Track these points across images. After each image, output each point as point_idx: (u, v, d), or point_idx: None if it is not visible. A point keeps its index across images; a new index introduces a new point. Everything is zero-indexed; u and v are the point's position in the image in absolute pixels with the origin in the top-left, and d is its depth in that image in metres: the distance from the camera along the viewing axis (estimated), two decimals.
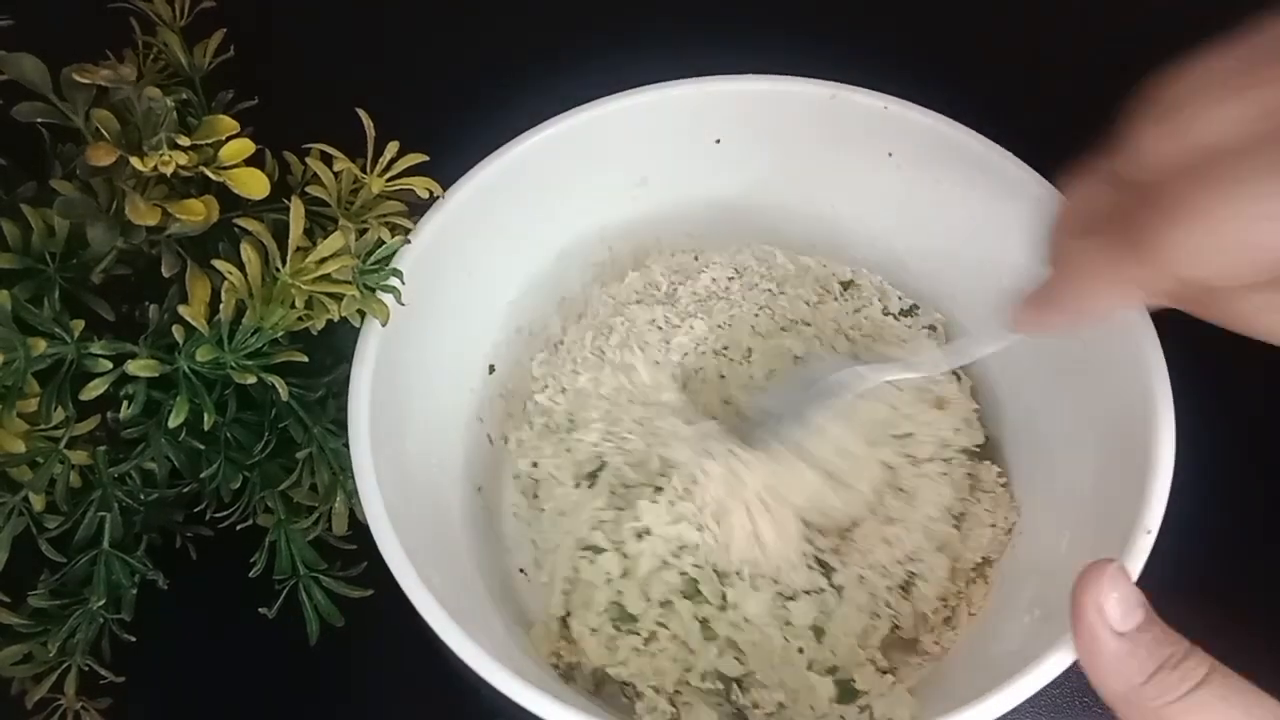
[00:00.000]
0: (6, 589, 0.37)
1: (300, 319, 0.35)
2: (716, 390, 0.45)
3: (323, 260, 0.34)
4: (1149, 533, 0.33)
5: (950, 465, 0.42)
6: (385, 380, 0.37)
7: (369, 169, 0.37)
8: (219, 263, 0.33)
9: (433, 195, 0.38)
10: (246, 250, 0.34)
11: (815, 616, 0.39)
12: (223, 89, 0.41)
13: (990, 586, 0.41)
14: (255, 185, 0.33)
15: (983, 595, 0.41)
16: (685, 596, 0.39)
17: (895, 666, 0.40)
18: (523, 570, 0.43)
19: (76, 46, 0.35)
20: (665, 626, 0.39)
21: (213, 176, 0.33)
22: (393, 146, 0.37)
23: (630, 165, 0.46)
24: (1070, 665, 0.31)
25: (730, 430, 0.42)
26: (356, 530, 0.39)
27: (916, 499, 0.41)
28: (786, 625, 0.38)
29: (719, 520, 0.39)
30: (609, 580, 0.39)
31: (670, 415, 0.43)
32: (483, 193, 0.41)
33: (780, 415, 0.41)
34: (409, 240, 0.39)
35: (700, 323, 0.46)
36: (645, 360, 0.45)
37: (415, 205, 0.39)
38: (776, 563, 0.39)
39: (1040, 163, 0.41)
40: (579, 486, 0.42)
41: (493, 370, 0.46)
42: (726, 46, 0.45)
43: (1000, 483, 0.42)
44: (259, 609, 0.38)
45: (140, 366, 0.34)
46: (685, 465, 0.40)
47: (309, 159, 0.37)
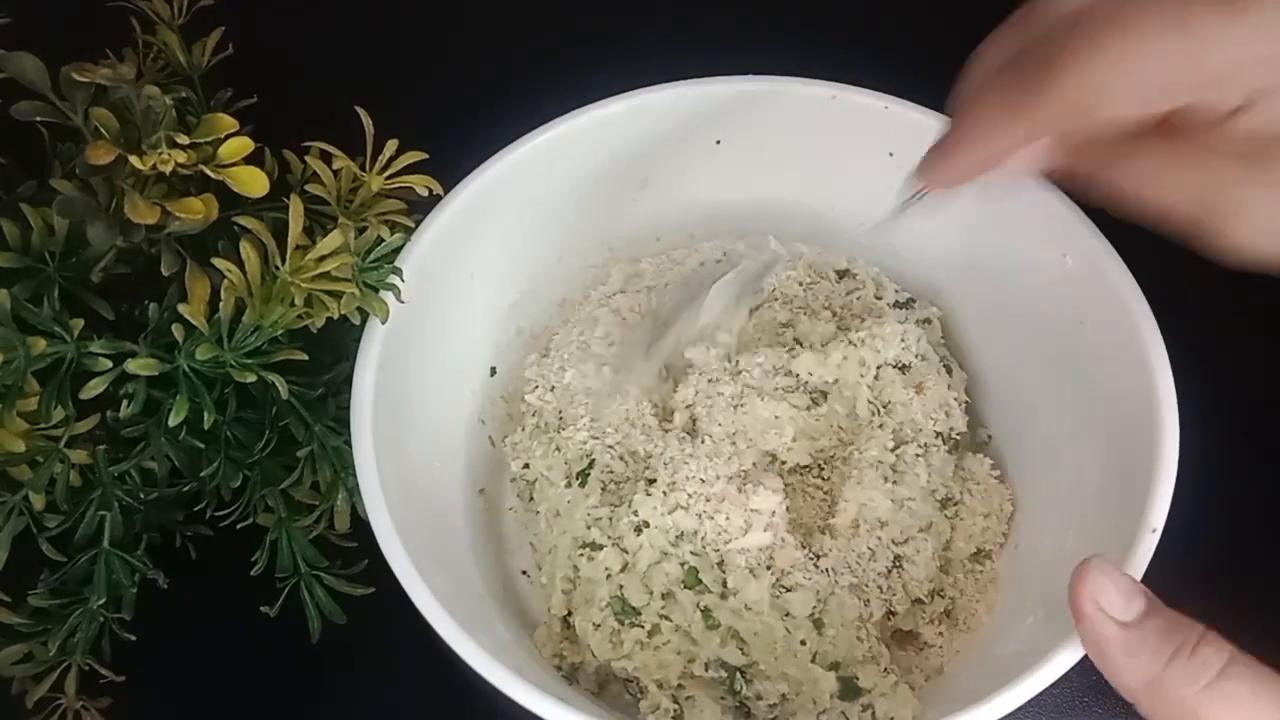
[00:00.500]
0: (6, 588, 0.37)
1: (300, 317, 0.35)
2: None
3: (322, 258, 0.34)
4: (1154, 531, 0.33)
5: (928, 451, 0.42)
6: (388, 383, 0.37)
7: (368, 167, 0.37)
8: (218, 261, 0.33)
9: (432, 193, 0.38)
10: (246, 248, 0.33)
11: (813, 605, 0.39)
12: (221, 87, 0.41)
13: (995, 586, 0.41)
14: (254, 183, 0.33)
15: (984, 592, 0.41)
16: (686, 586, 0.39)
17: (899, 666, 0.39)
18: (524, 573, 0.43)
19: (76, 45, 0.35)
20: (668, 618, 0.39)
21: (212, 175, 0.33)
22: (392, 144, 0.37)
23: (631, 167, 0.46)
24: (1071, 666, 0.31)
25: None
26: (358, 528, 0.39)
27: (901, 481, 0.41)
28: (787, 616, 0.38)
29: (712, 501, 0.39)
30: (609, 575, 0.39)
31: (650, 405, 0.43)
32: (483, 195, 0.41)
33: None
34: (409, 239, 0.39)
35: (684, 306, 0.45)
36: (628, 350, 0.45)
37: (415, 203, 0.39)
38: (772, 540, 0.39)
39: None
40: (570, 486, 0.42)
41: (494, 372, 0.46)
42: (728, 47, 0.45)
43: (994, 475, 0.43)
44: (260, 607, 0.38)
45: (140, 365, 0.34)
46: (669, 452, 0.41)
47: (308, 157, 0.37)
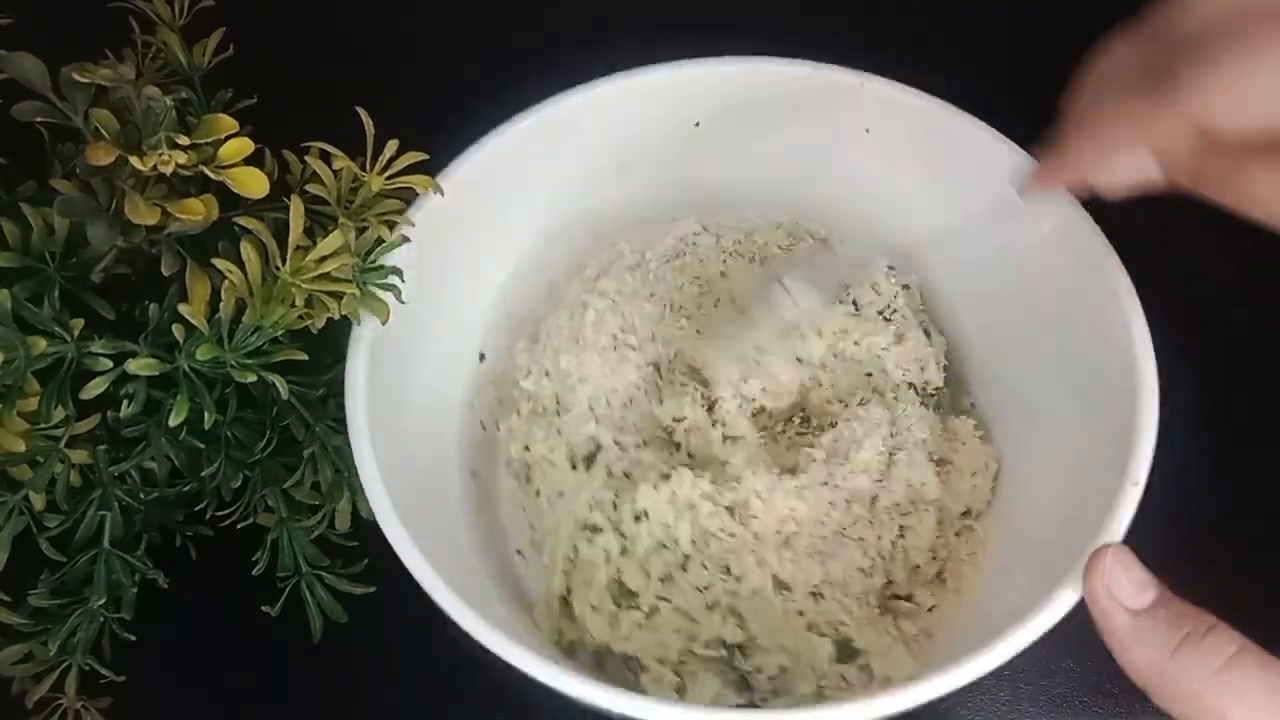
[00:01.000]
0: (6, 588, 0.37)
1: (300, 317, 0.35)
2: (693, 342, 0.46)
3: (323, 259, 0.34)
4: (1136, 485, 0.33)
5: (903, 405, 0.43)
6: (379, 368, 0.38)
7: (368, 167, 0.37)
8: (219, 261, 0.33)
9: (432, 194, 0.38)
10: (246, 249, 0.34)
11: (812, 578, 0.39)
12: (222, 88, 0.41)
13: (983, 547, 0.41)
14: (255, 184, 0.33)
15: (973, 553, 0.41)
16: (685, 570, 0.39)
17: (893, 624, 0.40)
18: (520, 552, 0.43)
19: (76, 45, 0.35)
20: (667, 600, 0.39)
21: (212, 175, 0.33)
22: (392, 145, 0.37)
23: (611, 151, 0.46)
24: (1072, 663, 0.31)
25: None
26: (358, 527, 0.39)
27: (901, 446, 0.42)
28: (785, 590, 0.39)
29: (725, 487, 0.40)
30: (608, 558, 0.39)
31: (650, 391, 0.44)
32: (465, 183, 0.41)
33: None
34: (407, 240, 0.39)
35: (670, 277, 0.46)
36: (619, 335, 0.45)
37: (414, 203, 0.39)
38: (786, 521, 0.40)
39: (1018, 134, 0.41)
40: (575, 469, 0.42)
41: (483, 358, 0.46)
42: (704, 30, 0.45)
43: (977, 435, 0.43)
44: (261, 607, 0.38)
45: (140, 365, 0.34)
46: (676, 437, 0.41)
47: (308, 157, 0.37)
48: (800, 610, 0.39)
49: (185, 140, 0.32)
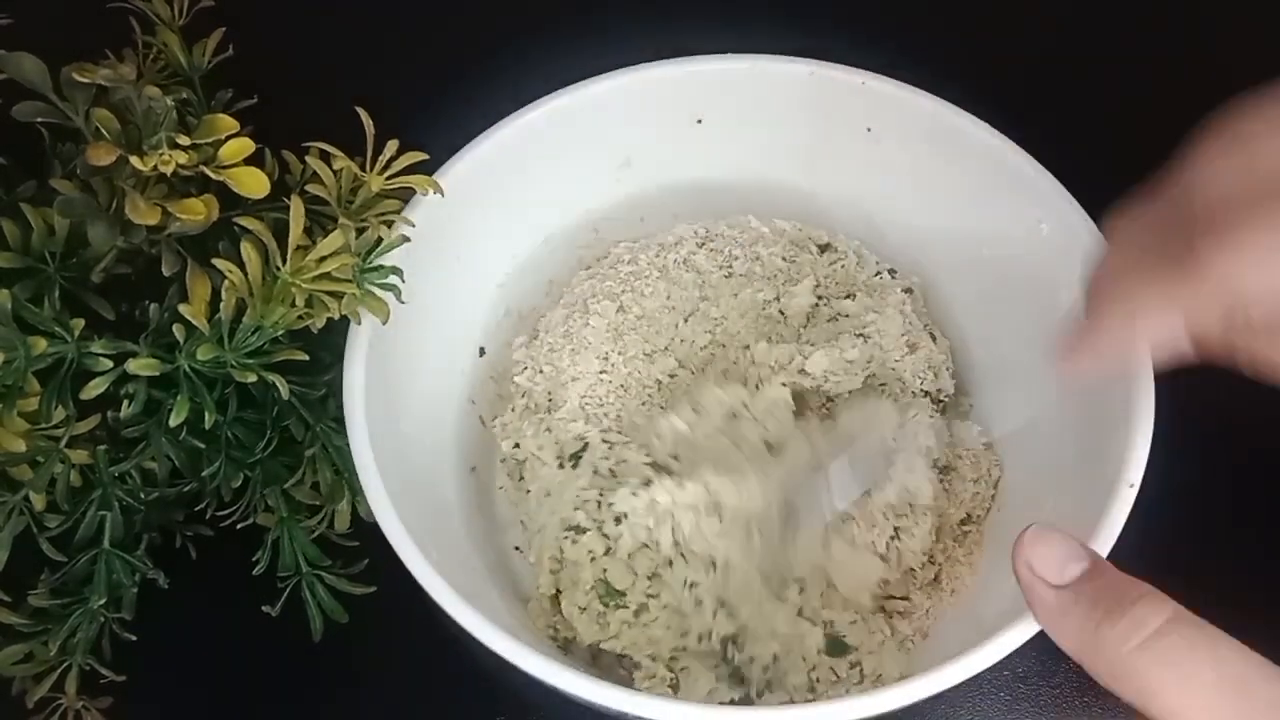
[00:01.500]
0: (7, 588, 0.37)
1: (300, 317, 0.35)
2: (692, 351, 0.45)
3: (323, 259, 0.34)
4: (1131, 486, 0.33)
5: (918, 412, 0.42)
6: (378, 366, 0.38)
7: (369, 167, 0.37)
8: (219, 261, 0.33)
9: (432, 194, 0.38)
10: (246, 249, 0.34)
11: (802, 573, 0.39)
12: (222, 88, 0.41)
13: (979, 549, 0.41)
14: (255, 184, 0.33)
15: (969, 555, 0.41)
16: (670, 567, 0.39)
17: (887, 623, 0.40)
18: (518, 548, 0.43)
19: (76, 46, 0.35)
20: (655, 597, 0.39)
21: (212, 175, 0.33)
22: (392, 145, 0.37)
23: (613, 147, 0.46)
24: (1072, 663, 0.31)
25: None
26: (358, 527, 0.40)
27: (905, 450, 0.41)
28: (772, 579, 0.39)
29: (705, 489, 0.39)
30: (593, 559, 0.39)
31: (643, 395, 0.43)
32: (467, 178, 0.41)
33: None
34: (407, 240, 0.39)
35: (667, 289, 0.46)
36: (615, 337, 0.45)
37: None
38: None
39: (1018, 133, 0.41)
40: (562, 467, 0.42)
41: (483, 353, 0.46)
42: (707, 27, 0.45)
43: (982, 441, 0.43)
44: (261, 607, 0.38)
45: (141, 365, 0.34)
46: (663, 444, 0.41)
47: (308, 157, 0.37)
48: (787, 598, 0.39)
49: (185, 140, 0.32)
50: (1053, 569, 0.28)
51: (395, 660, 0.43)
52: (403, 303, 0.38)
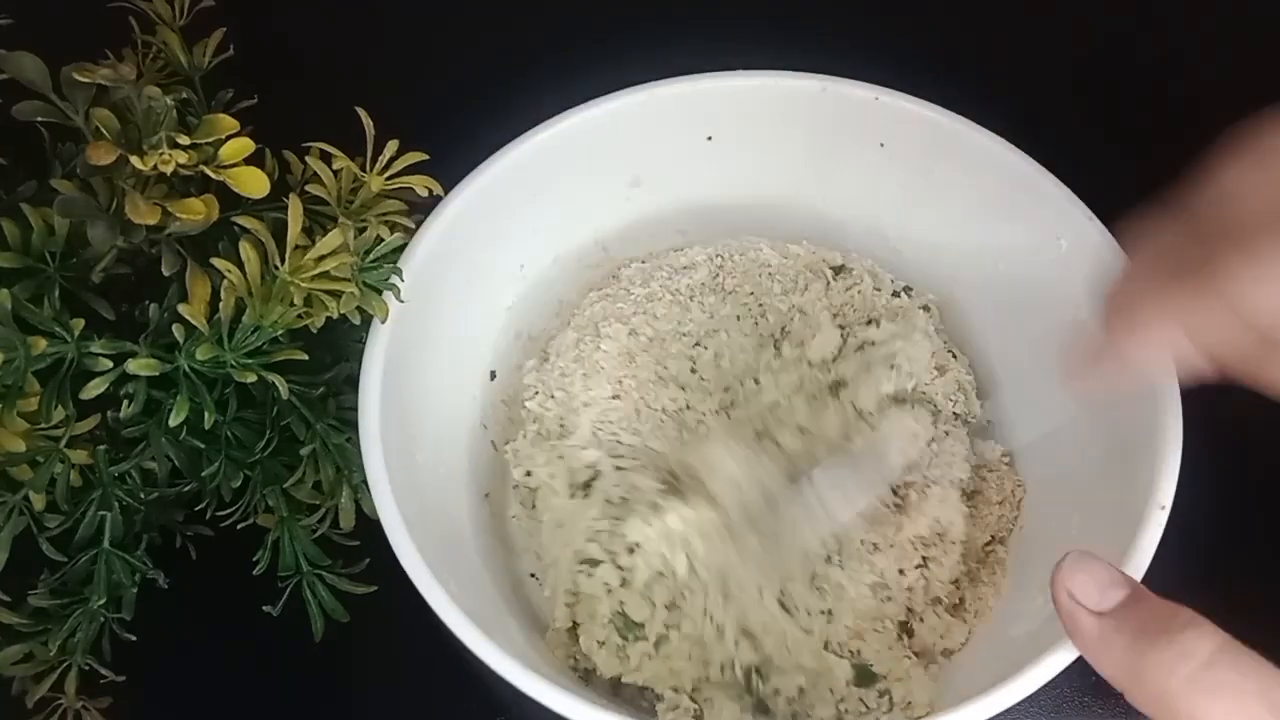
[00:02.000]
0: (7, 588, 0.37)
1: (299, 317, 0.35)
2: (703, 387, 0.45)
3: (322, 258, 0.34)
4: (1163, 508, 0.33)
5: (950, 435, 0.42)
6: (392, 389, 0.38)
7: (368, 167, 0.37)
8: (218, 261, 0.33)
9: (432, 194, 0.38)
10: (245, 248, 0.34)
11: (824, 604, 0.39)
12: (222, 88, 0.41)
13: (1004, 570, 0.41)
14: (255, 184, 0.33)
15: (993, 576, 0.41)
16: (688, 597, 0.38)
17: (911, 648, 0.39)
18: (533, 575, 0.43)
19: (76, 45, 0.35)
20: (676, 627, 0.38)
21: (212, 175, 0.33)
22: (392, 145, 0.37)
23: (623, 166, 0.46)
24: (1073, 663, 0.31)
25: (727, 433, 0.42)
26: (359, 526, 0.39)
27: (938, 480, 0.41)
28: (796, 611, 0.38)
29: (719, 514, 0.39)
30: (609, 591, 0.39)
31: (656, 420, 0.43)
32: (477, 200, 0.41)
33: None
34: (408, 242, 0.39)
35: (679, 315, 0.46)
36: (627, 361, 0.44)
37: (415, 204, 0.39)
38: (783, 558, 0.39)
39: (1034, 147, 0.41)
40: (574, 497, 0.42)
41: (494, 376, 0.46)
42: (717, 43, 0.45)
43: (1004, 461, 0.43)
44: (262, 607, 0.38)
45: (140, 365, 0.34)
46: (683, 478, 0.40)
47: (308, 157, 0.38)
48: (813, 629, 0.38)
49: (186, 140, 0.32)
50: (1093, 596, 0.28)
51: (397, 660, 0.43)
52: (402, 301, 0.38)
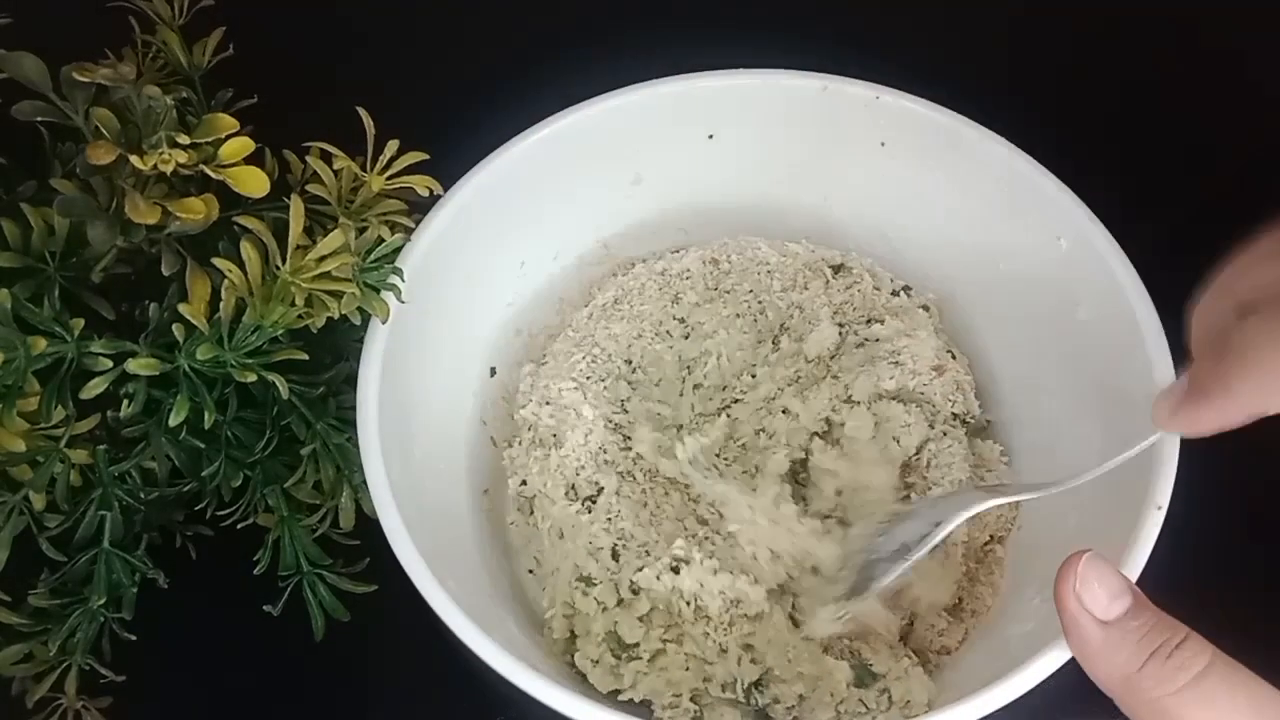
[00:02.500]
0: (7, 588, 0.37)
1: (300, 317, 0.35)
2: (702, 393, 0.45)
3: (322, 258, 0.34)
4: (1159, 508, 0.33)
5: (948, 435, 0.42)
6: (391, 386, 0.38)
7: (369, 167, 0.37)
8: (219, 261, 0.33)
9: (433, 193, 0.38)
10: (246, 248, 0.34)
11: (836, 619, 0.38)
12: (222, 87, 0.41)
13: (1001, 569, 0.41)
14: (255, 183, 0.33)
15: (990, 575, 0.41)
16: (697, 620, 0.38)
17: (912, 649, 0.39)
18: (531, 571, 0.43)
19: (75, 45, 0.35)
20: (676, 642, 0.38)
21: (212, 175, 0.33)
22: (392, 145, 0.37)
23: (624, 164, 0.46)
24: (1072, 663, 0.31)
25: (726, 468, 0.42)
26: (359, 526, 0.39)
27: (931, 476, 0.41)
28: (799, 626, 0.38)
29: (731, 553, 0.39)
30: (604, 610, 0.39)
31: (653, 439, 0.43)
32: (478, 196, 0.41)
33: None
34: (408, 240, 0.39)
35: (678, 318, 0.46)
36: (623, 370, 0.44)
37: (415, 203, 0.39)
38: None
39: (1034, 147, 0.41)
40: (576, 511, 0.41)
41: (494, 373, 0.46)
42: (718, 42, 0.45)
43: (1003, 461, 0.43)
44: (263, 606, 0.38)
45: (140, 365, 0.34)
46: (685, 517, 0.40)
47: (309, 157, 0.38)
48: (814, 635, 0.38)
49: (185, 139, 0.32)
50: (1102, 604, 0.28)
51: (397, 659, 0.43)
52: (403, 302, 0.38)
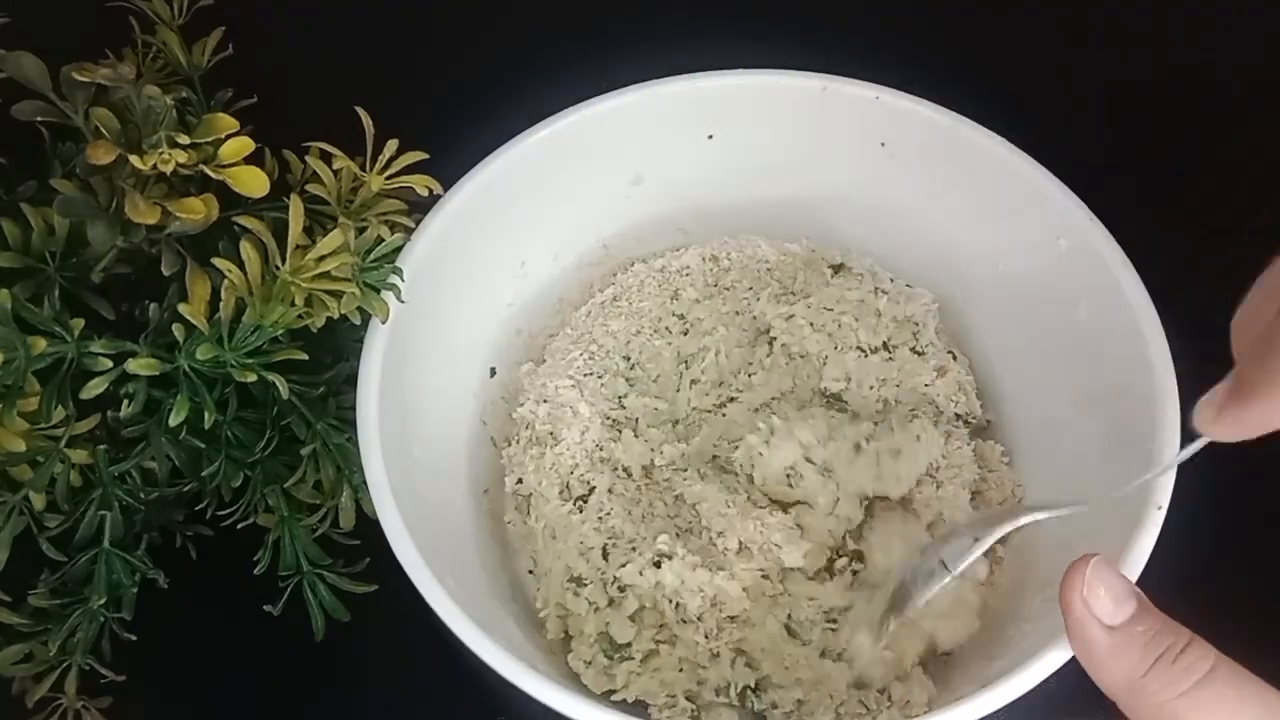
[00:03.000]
0: (7, 588, 0.37)
1: (300, 317, 0.35)
2: (699, 391, 0.45)
3: (322, 258, 0.34)
4: (1159, 509, 0.33)
5: (952, 436, 0.42)
6: (391, 386, 0.38)
7: (368, 167, 0.37)
8: (219, 261, 0.33)
9: (432, 193, 0.38)
10: (246, 248, 0.34)
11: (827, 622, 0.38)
12: (222, 87, 0.41)
13: (1001, 569, 0.41)
14: (255, 183, 0.33)
15: (990, 575, 0.40)
16: (684, 621, 0.38)
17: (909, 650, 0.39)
18: (531, 571, 0.43)
19: (75, 45, 0.35)
20: (667, 643, 0.38)
21: (212, 175, 0.33)
22: (392, 144, 0.37)
23: (624, 164, 0.46)
24: (1072, 664, 0.31)
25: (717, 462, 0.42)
26: (359, 526, 0.39)
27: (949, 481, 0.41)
28: (800, 633, 0.38)
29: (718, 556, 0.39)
30: (596, 610, 0.39)
31: (649, 436, 0.43)
32: (478, 196, 0.41)
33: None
34: (407, 240, 0.39)
35: (677, 317, 0.46)
36: (621, 369, 0.44)
37: (415, 203, 0.39)
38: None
39: (1034, 147, 0.41)
40: (570, 511, 0.41)
41: (494, 373, 0.46)
42: (718, 42, 0.45)
43: (1004, 461, 0.43)
44: (262, 606, 0.38)
45: (140, 365, 0.34)
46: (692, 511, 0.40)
47: (308, 157, 0.38)
48: (812, 640, 0.38)
49: (185, 139, 0.32)
50: (1108, 609, 0.28)
51: (397, 659, 0.43)
52: (402, 302, 0.38)
